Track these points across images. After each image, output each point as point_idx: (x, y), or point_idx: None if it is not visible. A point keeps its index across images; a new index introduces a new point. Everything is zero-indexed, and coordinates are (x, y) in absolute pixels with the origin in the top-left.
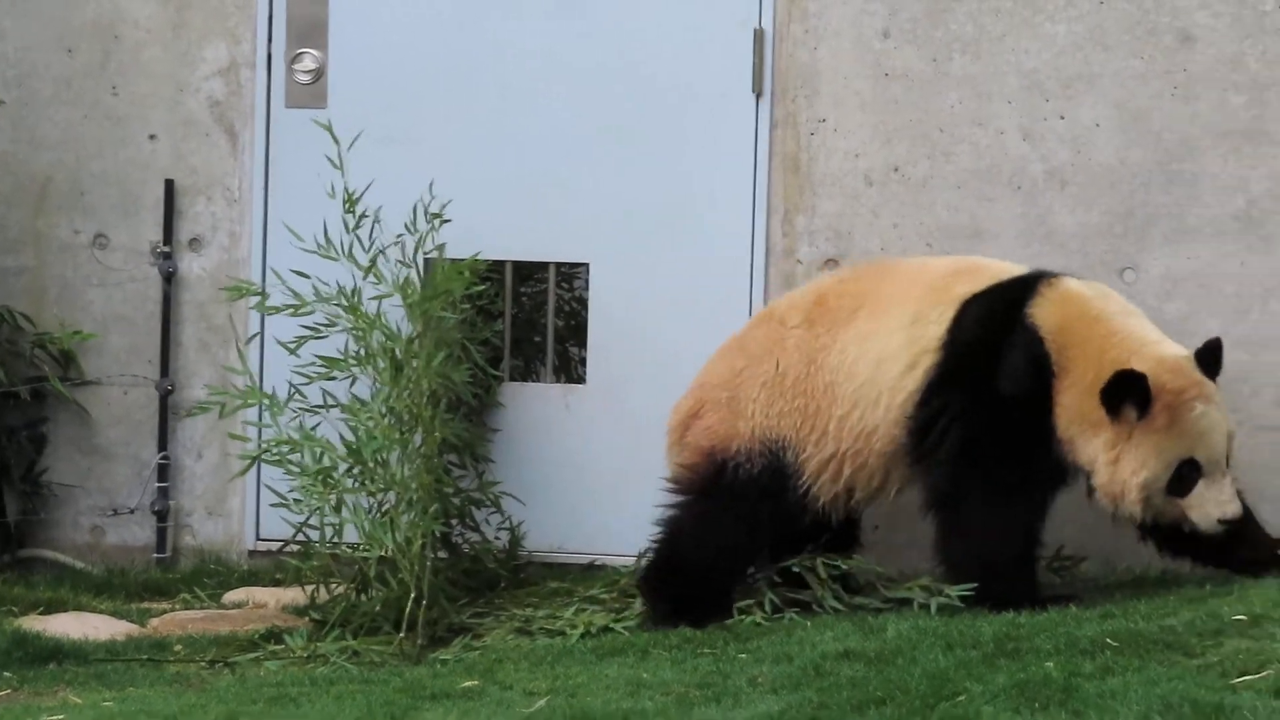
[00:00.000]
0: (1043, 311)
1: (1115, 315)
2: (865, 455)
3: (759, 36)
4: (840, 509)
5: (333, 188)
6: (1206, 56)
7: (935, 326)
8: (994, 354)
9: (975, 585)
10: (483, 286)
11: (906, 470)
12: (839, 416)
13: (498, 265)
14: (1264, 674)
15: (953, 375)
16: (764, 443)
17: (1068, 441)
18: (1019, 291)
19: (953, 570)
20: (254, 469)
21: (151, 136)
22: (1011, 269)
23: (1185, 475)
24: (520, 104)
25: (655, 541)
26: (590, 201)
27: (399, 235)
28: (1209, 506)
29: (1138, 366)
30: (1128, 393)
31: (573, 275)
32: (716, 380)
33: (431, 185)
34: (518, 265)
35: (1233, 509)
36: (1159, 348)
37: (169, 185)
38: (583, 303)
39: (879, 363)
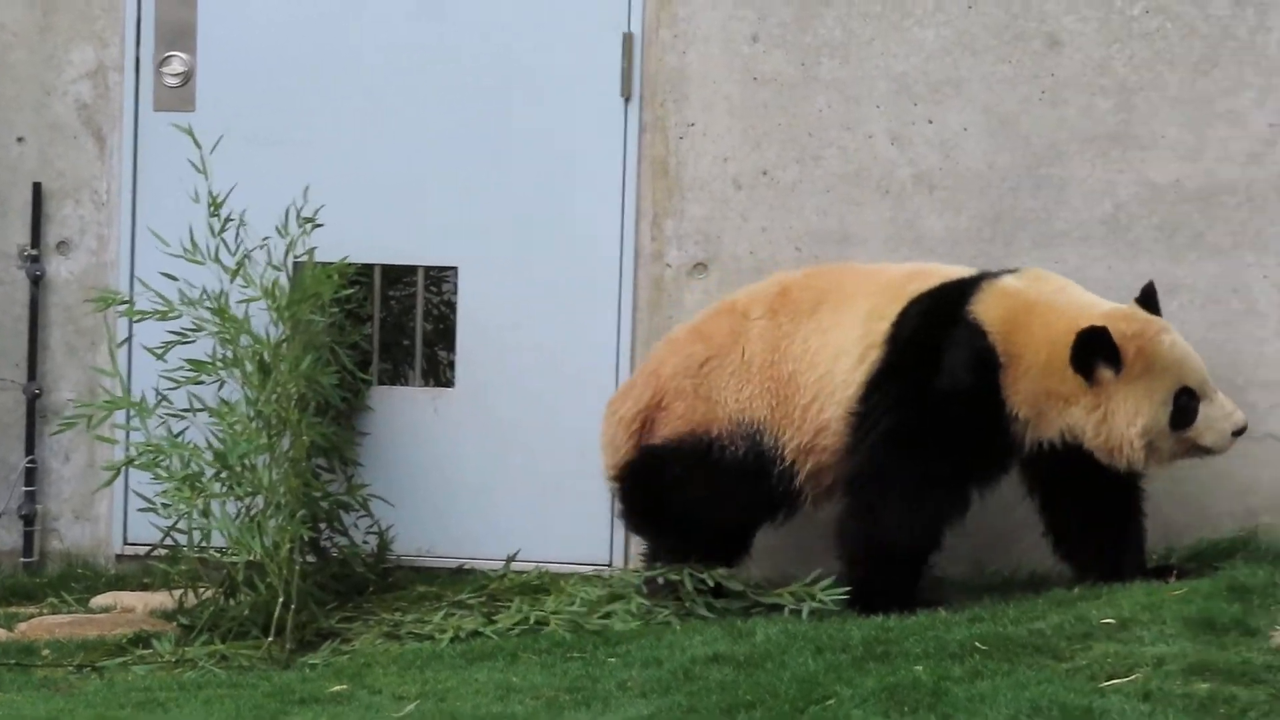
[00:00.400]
0: (984, 306)
1: (1052, 294)
2: (820, 452)
3: (628, 41)
4: (821, 503)
5: (197, 191)
6: (1074, 61)
7: (885, 323)
8: (934, 350)
9: (854, 579)
10: (351, 290)
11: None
12: (803, 405)
13: (366, 269)
14: (1132, 677)
15: (893, 370)
16: (741, 425)
17: (1033, 420)
18: (960, 290)
19: (843, 552)
20: (122, 474)
21: (19, 139)
22: (962, 271)
23: (1185, 405)
24: (389, 108)
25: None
26: (459, 205)
27: (266, 238)
28: (1220, 424)
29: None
30: (1095, 350)
31: (441, 279)
32: (675, 370)
33: (306, 191)
34: (386, 269)
35: (1240, 416)
36: (1100, 306)
37: (36, 188)
38: (451, 306)
39: (836, 356)
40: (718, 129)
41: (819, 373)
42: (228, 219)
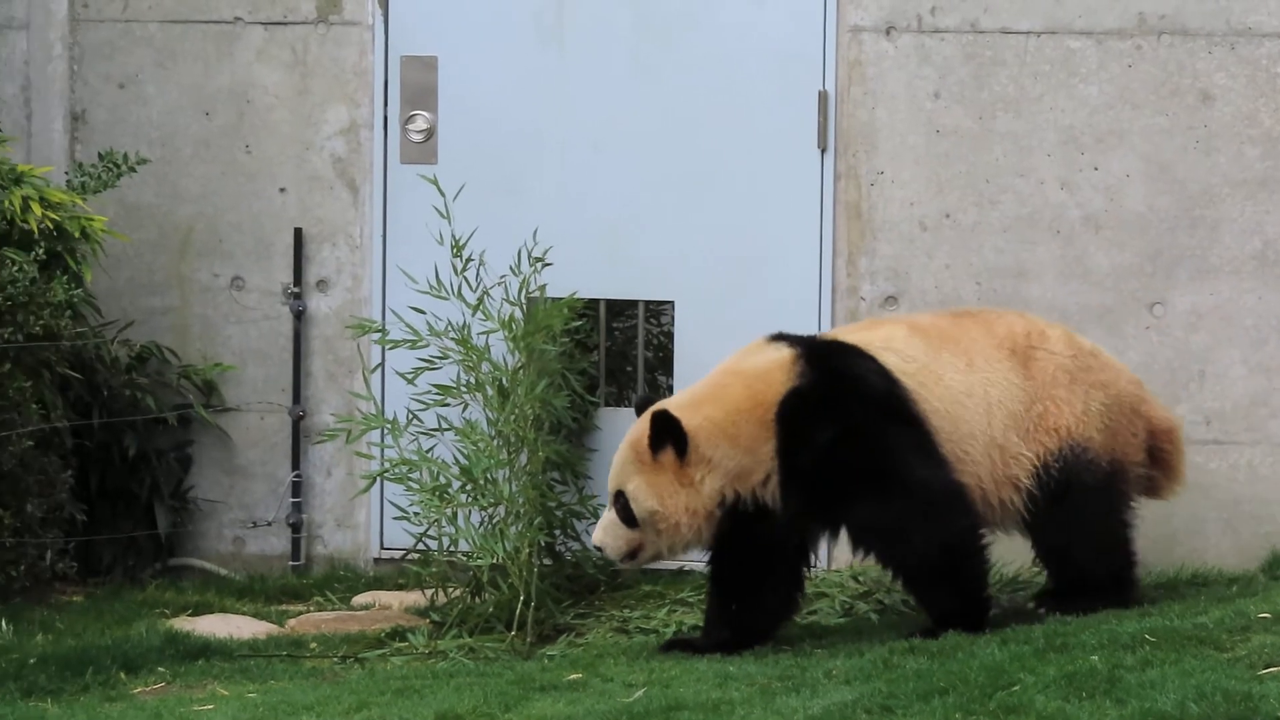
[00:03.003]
0: None
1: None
2: None
3: (823, 98)
4: None
5: (441, 235)
6: (1224, 113)
7: None
8: None
9: None
10: (580, 322)
11: None
12: None
13: (593, 303)
14: None
15: None
16: None
17: None
18: None
19: None
20: (378, 486)
21: (281, 190)
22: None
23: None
24: (608, 158)
25: None
26: (675, 245)
27: (503, 276)
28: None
29: None
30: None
31: (660, 312)
32: None
33: (536, 233)
34: (610, 303)
35: (595, 537)
36: (672, 399)
37: (298, 233)
38: (669, 336)
39: None
40: (904, 176)
41: None
42: (468, 259)
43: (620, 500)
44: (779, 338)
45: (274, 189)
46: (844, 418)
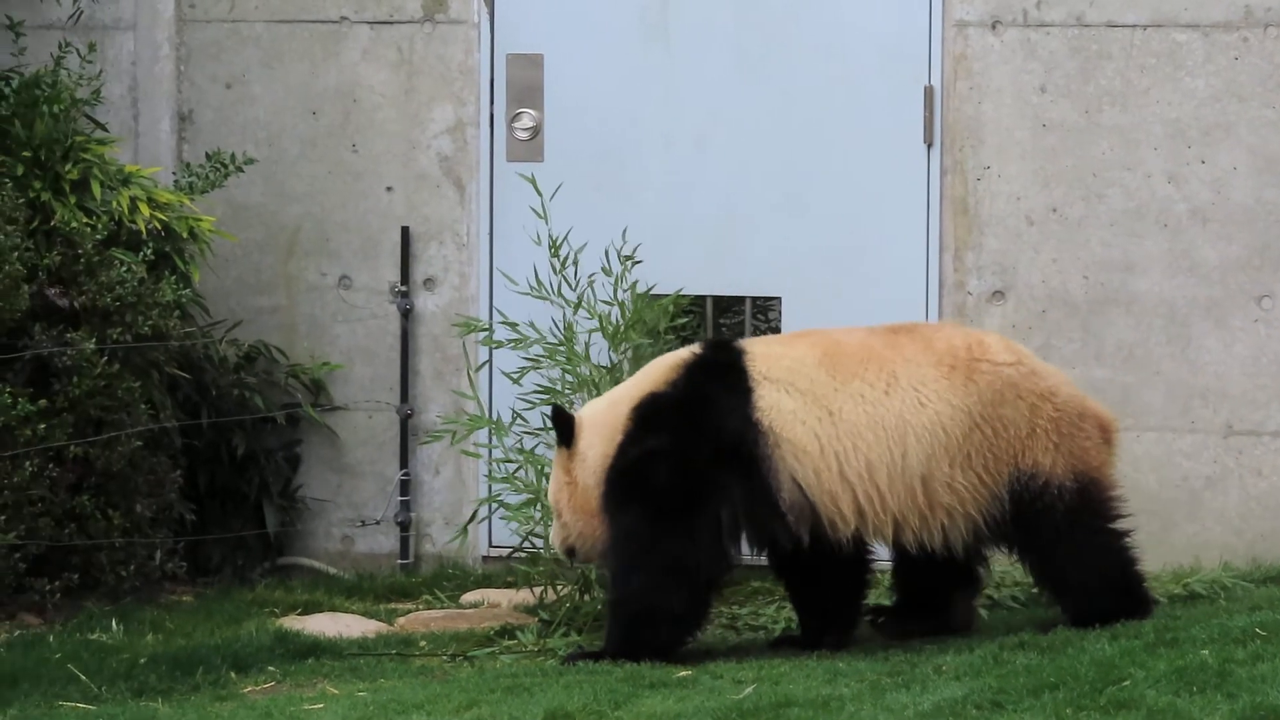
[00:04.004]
0: None
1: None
2: None
3: (929, 93)
4: None
5: (539, 235)
6: None
7: None
8: None
9: None
10: (686, 319)
11: None
12: None
13: (699, 300)
14: None
15: None
16: None
17: None
18: None
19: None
20: (485, 484)
21: (388, 189)
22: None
23: None
24: (716, 154)
25: None
26: (781, 241)
27: (596, 274)
28: None
29: None
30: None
31: (767, 308)
32: None
33: (641, 230)
34: (717, 299)
35: None
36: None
37: (404, 232)
38: (776, 332)
39: None
40: (1011, 171)
41: None
42: (566, 258)
43: None
44: (706, 344)
45: (381, 188)
46: (666, 442)
